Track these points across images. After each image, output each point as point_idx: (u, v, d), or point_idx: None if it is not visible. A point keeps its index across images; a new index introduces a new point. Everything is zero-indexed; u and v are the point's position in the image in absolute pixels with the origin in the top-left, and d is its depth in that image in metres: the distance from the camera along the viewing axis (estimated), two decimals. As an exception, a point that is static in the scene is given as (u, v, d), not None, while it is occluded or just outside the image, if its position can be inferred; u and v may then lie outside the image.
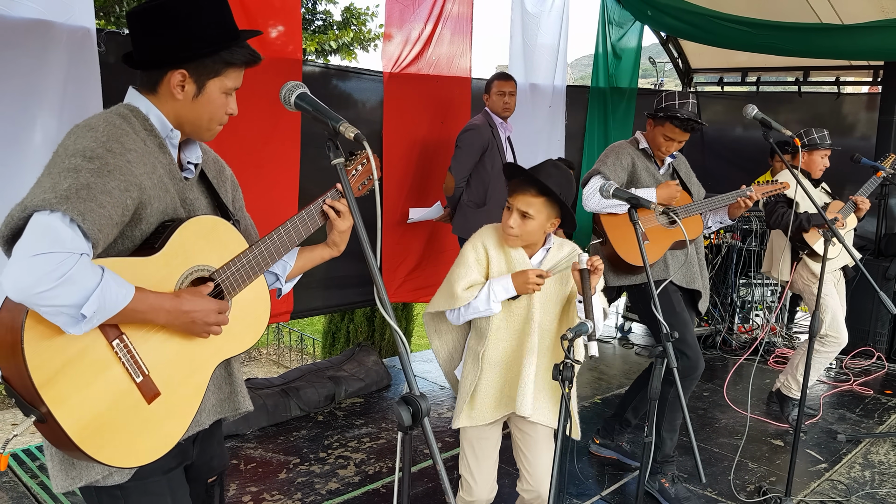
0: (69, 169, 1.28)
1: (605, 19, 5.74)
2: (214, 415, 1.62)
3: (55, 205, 1.23)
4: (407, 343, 1.29)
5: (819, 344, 3.88)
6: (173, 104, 1.48)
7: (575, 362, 1.77)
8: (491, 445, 2.32)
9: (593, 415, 4.13)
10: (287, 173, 3.84)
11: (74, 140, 1.34)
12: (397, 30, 4.38)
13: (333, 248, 1.79)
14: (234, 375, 1.67)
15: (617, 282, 3.15)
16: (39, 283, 1.18)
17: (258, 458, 3.43)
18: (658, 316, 2.09)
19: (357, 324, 7.76)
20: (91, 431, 1.30)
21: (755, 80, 6.59)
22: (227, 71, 1.49)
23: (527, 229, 2.16)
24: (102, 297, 1.24)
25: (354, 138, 1.33)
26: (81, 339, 1.29)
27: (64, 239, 1.22)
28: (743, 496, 3.16)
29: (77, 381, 1.29)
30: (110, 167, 1.32)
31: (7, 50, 2.85)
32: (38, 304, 1.20)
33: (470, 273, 2.21)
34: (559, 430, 1.77)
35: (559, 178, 2.15)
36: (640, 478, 2.19)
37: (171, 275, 1.42)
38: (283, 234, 1.63)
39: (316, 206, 1.71)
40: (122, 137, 1.37)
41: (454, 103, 4.66)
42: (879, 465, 3.53)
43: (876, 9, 4.60)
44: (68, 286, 1.20)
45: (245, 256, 1.55)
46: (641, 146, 3.16)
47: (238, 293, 1.56)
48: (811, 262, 3.90)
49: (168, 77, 1.45)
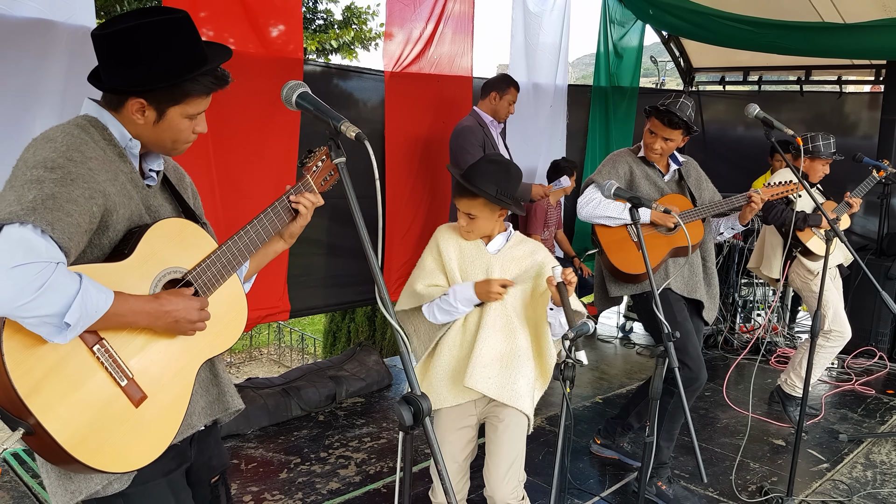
0: (32, 181, 1.27)
1: (606, 18, 5.74)
2: (205, 417, 1.61)
3: (23, 216, 1.22)
4: (408, 343, 1.29)
5: (824, 339, 3.89)
6: (135, 126, 1.47)
7: (576, 362, 1.77)
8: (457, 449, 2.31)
9: (594, 415, 4.12)
10: (286, 172, 3.83)
11: (33, 153, 1.33)
12: (398, 29, 4.38)
13: (289, 240, 1.77)
14: (219, 376, 1.66)
15: (618, 291, 3.14)
16: (21, 294, 1.17)
17: (259, 457, 3.43)
18: (658, 314, 2.09)
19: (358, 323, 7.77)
20: (81, 438, 1.29)
21: (757, 79, 6.58)
22: (189, 100, 1.46)
23: (477, 226, 2.30)
24: (84, 303, 1.23)
25: (356, 138, 1.33)
26: (62, 347, 1.28)
27: (38, 249, 1.21)
28: (744, 496, 3.15)
29: (62, 389, 1.28)
30: (73, 176, 1.31)
31: (8, 49, 2.85)
32: (20, 316, 1.19)
33: (427, 275, 2.34)
34: (559, 430, 1.77)
35: (493, 173, 2.25)
36: (641, 478, 2.19)
37: (143, 278, 1.42)
38: (252, 231, 1.62)
39: (281, 203, 1.68)
40: (81, 147, 1.36)
41: (455, 102, 4.66)
42: (881, 465, 3.52)
43: (878, 8, 4.59)
44: (49, 295, 1.19)
45: (216, 255, 1.55)
46: (641, 154, 3.13)
47: (213, 292, 1.55)
48: (806, 260, 3.91)
49: (128, 103, 1.44)
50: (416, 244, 4.58)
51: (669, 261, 3.08)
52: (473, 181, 2.23)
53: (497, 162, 2.31)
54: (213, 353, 1.57)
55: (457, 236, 2.37)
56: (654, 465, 3.08)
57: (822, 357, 3.95)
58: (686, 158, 3.22)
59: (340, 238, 4.30)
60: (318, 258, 4.31)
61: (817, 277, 3.84)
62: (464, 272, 2.32)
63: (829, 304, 3.85)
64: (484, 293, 2.24)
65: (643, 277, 3.02)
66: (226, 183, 3.60)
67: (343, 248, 4.33)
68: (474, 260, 2.33)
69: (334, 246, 4.33)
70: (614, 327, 5.99)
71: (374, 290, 1.32)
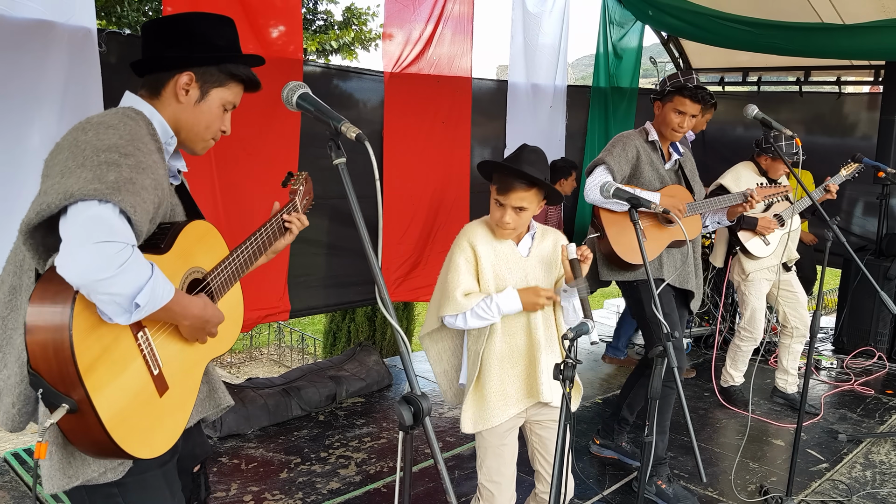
0: (108, 163, 1.29)
1: (606, 19, 5.74)
2: (198, 414, 1.67)
3: (107, 195, 1.24)
4: (408, 343, 1.29)
5: (738, 339, 4.23)
6: (174, 108, 1.52)
7: (576, 362, 1.77)
8: (511, 452, 2.27)
9: (594, 415, 4.13)
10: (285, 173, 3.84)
11: (96, 135, 1.34)
12: (398, 29, 4.38)
13: (271, 255, 1.85)
14: (209, 374, 1.72)
15: (610, 276, 3.15)
16: (102, 269, 1.21)
17: (259, 457, 3.43)
18: (658, 316, 2.09)
19: (358, 323, 7.77)
20: (120, 421, 1.32)
21: (756, 79, 6.58)
22: (230, 83, 1.57)
23: (522, 221, 2.17)
24: (153, 290, 1.28)
25: (356, 138, 1.33)
26: (114, 330, 1.32)
27: (119, 229, 1.25)
28: (744, 496, 3.16)
29: (111, 371, 1.32)
30: (143, 165, 1.35)
31: (8, 50, 2.85)
32: (97, 290, 1.22)
33: (465, 278, 2.16)
34: (559, 429, 1.78)
35: (538, 161, 2.15)
36: (641, 478, 2.19)
37: (176, 274, 1.46)
38: (258, 240, 1.71)
39: (277, 221, 1.79)
40: (142, 138, 1.41)
41: (455, 103, 4.66)
42: (880, 465, 3.53)
43: (877, 8, 4.59)
44: (126, 275, 1.23)
45: (229, 260, 1.62)
46: (651, 138, 3.12)
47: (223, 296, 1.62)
48: (743, 258, 4.04)
49: (175, 79, 1.51)
50: (415, 244, 4.58)
51: (664, 251, 3.11)
52: (525, 169, 2.09)
53: (536, 150, 2.20)
54: (216, 354, 1.63)
55: (489, 236, 2.20)
56: (653, 462, 3.09)
57: (738, 357, 4.28)
58: (685, 150, 3.25)
59: (340, 238, 4.30)
60: (318, 258, 4.31)
61: (748, 278, 4.04)
62: (499, 277, 2.18)
63: (748, 306, 4.09)
64: (530, 304, 2.13)
65: (639, 267, 3.04)
66: (226, 183, 3.61)
67: (343, 248, 4.34)
68: (511, 265, 2.20)
69: (334, 246, 4.33)
70: (614, 327, 5.98)
71: (374, 290, 1.32)
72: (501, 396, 2.20)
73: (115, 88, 3.09)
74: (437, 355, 2.39)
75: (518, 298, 2.13)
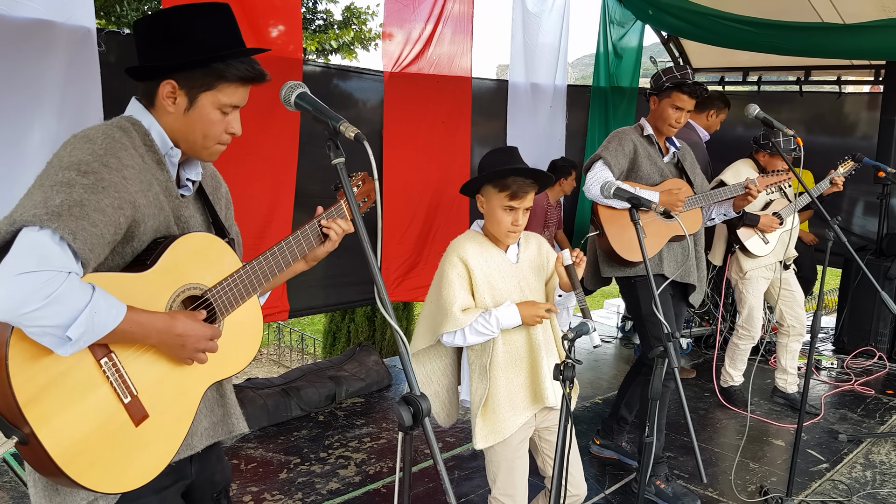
0: (62, 183, 1.23)
1: (606, 18, 5.74)
2: (208, 438, 1.56)
3: (45, 221, 1.18)
4: (407, 343, 1.29)
5: (736, 337, 4.24)
6: (167, 118, 1.43)
7: (576, 362, 1.77)
8: (524, 465, 2.26)
9: (594, 415, 4.12)
10: (284, 173, 3.83)
11: (70, 151, 1.29)
12: (397, 29, 4.37)
13: (311, 262, 1.74)
14: (226, 397, 1.62)
15: (610, 272, 3.15)
16: (25, 303, 1.14)
17: (259, 457, 3.43)
18: (659, 316, 2.09)
19: (358, 323, 7.76)
20: (75, 454, 1.25)
21: (756, 79, 6.57)
22: (220, 85, 1.42)
23: (526, 221, 2.19)
24: (91, 318, 1.19)
25: (355, 138, 1.32)
26: (67, 359, 1.24)
27: (52, 257, 1.17)
28: (744, 496, 3.15)
29: (62, 401, 1.23)
30: (105, 183, 1.26)
31: (7, 50, 2.84)
32: (23, 324, 1.16)
33: (460, 294, 2.13)
34: (559, 429, 1.77)
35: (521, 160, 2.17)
36: (641, 478, 2.19)
37: (161, 292, 1.37)
38: (278, 253, 1.58)
39: (312, 227, 1.66)
40: (119, 152, 1.32)
41: (455, 103, 4.66)
42: (881, 466, 3.53)
43: (878, 8, 4.59)
44: (55, 306, 1.15)
45: (238, 275, 1.49)
46: (646, 133, 3.13)
47: (231, 313, 1.50)
48: (741, 256, 4.05)
49: (160, 88, 1.40)
50: (414, 244, 4.58)
51: (664, 246, 3.10)
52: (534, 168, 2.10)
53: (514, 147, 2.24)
54: (222, 376, 1.53)
55: (478, 249, 2.19)
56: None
57: (737, 356, 4.28)
58: (682, 143, 3.25)
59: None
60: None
61: (746, 276, 4.05)
62: (494, 288, 2.17)
63: (746, 304, 4.10)
64: (529, 318, 2.13)
65: (640, 264, 3.03)
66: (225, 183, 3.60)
67: (343, 247, 4.31)
68: (504, 274, 2.19)
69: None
70: (614, 327, 5.99)
71: (373, 290, 1.31)
72: (510, 405, 2.19)
73: (114, 88, 3.09)
74: (426, 378, 2.34)
75: (517, 313, 2.12)
